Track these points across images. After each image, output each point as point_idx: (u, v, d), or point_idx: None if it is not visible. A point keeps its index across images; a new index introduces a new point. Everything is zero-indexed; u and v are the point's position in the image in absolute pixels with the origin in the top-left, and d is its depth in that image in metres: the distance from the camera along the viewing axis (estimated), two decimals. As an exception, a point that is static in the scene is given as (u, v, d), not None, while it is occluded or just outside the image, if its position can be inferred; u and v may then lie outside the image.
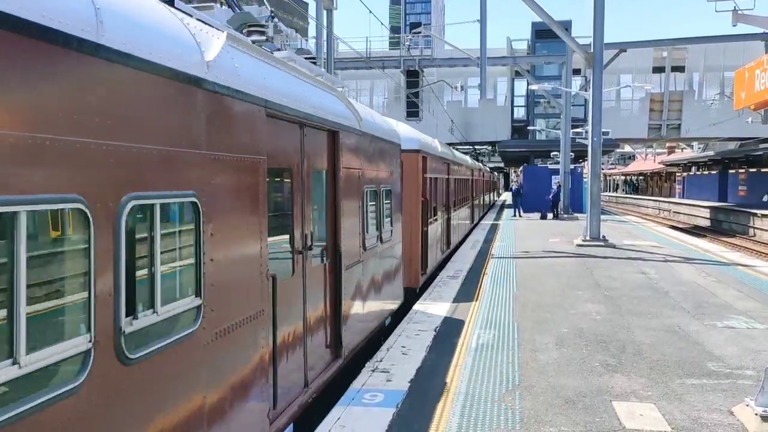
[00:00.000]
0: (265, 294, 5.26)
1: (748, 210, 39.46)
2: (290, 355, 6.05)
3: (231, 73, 4.74)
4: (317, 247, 6.90)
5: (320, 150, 7.05)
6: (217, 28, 5.08)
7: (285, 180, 6.14)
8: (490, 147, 59.01)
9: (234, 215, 4.75)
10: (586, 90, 31.27)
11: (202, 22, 5.01)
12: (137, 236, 3.74)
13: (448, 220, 20.02)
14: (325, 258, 7.14)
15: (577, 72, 42.46)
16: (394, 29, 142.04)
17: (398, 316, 11.21)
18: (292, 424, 6.02)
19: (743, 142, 51.34)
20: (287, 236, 6.12)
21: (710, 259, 19.20)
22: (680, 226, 44.73)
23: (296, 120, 6.15)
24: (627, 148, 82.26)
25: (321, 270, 7.06)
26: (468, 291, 13.71)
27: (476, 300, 12.68)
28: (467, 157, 30.71)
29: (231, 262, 4.67)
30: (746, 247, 30.68)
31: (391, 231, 10.52)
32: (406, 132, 13.92)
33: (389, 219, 10.43)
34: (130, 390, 3.52)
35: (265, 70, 5.58)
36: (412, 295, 13.15)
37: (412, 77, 33.29)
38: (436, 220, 16.85)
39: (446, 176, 19.45)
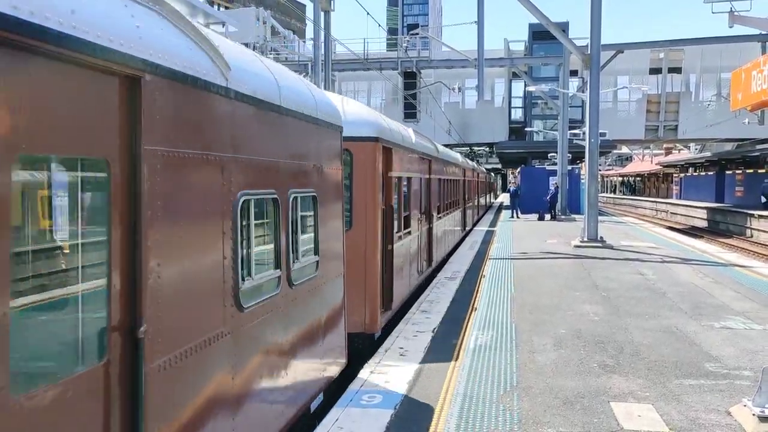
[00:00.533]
0: None
1: (746, 211, 39.53)
2: None
3: None
4: (72, 337, 3.35)
5: (74, 114, 3.10)
6: None
7: None
8: (487, 148, 59.12)
9: None
10: (583, 91, 31.29)
11: None
12: None
13: (430, 231, 16.30)
14: (103, 353, 3.36)
15: (574, 73, 42.50)
16: (392, 31, 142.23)
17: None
18: None
19: (740, 143, 51.45)
20: None
21: (707, 259, 19.23)
22: (677, 227, 44.84)
23: None
24: (624, 150, 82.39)
25: (89, 383, 3.21)
26: (465, 292, 13.73)
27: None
28: (458, 155, 28.64)
29: None
30: (743, 248, 30.74)
31: (317, 263, 6.67)
32: (355, 112, 9.89)
33: (313, 244, 6.68)
34: None
35: None
36: (367, 345, 9.56)
37: (410, 79, 33.33)
38: (409, 233, 13.05)
39: (426, 176, 15.77)
